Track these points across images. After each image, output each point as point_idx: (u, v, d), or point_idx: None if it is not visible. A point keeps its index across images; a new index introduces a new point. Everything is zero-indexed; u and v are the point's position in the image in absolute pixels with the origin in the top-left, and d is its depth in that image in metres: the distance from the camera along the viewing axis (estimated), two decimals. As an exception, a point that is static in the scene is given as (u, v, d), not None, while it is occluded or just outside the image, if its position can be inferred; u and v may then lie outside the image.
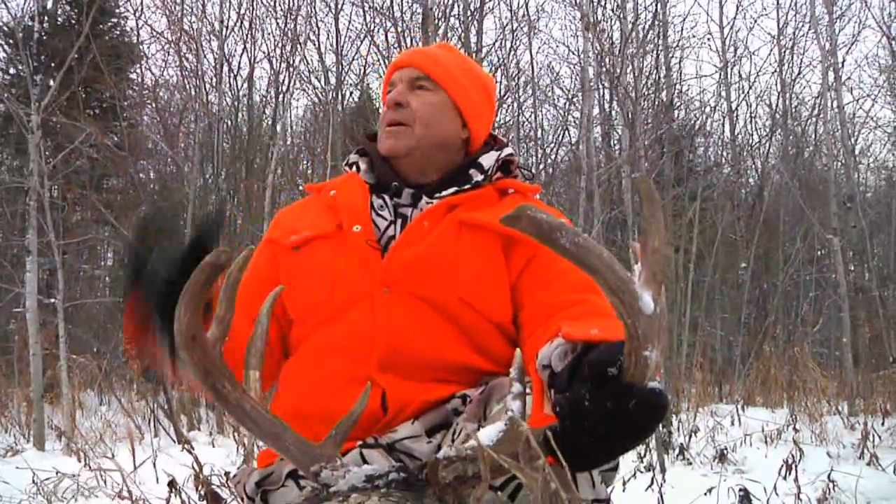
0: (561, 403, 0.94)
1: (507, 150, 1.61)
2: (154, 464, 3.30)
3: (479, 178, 1.55)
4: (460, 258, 1.43)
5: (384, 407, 1.37)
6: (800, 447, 3.34)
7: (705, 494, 2.84)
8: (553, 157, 11.50)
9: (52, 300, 5.07)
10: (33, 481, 3.05)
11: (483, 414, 1.26)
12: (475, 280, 1.42)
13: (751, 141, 11.93)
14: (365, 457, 1.32)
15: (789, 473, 3.00)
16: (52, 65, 9.56)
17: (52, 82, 5.23)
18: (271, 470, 1.42)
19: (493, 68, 9.73)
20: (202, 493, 2.49)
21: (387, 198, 1.55)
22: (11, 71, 10.73)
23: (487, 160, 1.59)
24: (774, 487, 2.84)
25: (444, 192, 1.53)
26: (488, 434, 0.98)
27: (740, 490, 2.72)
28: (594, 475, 1.25)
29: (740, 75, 12.21)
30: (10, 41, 7.93)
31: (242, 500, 1.47)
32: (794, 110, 11.86)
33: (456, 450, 0.97)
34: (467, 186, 1.53)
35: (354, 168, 1.65)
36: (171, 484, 2.54)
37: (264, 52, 9.63)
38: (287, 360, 1.52)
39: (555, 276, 1.40)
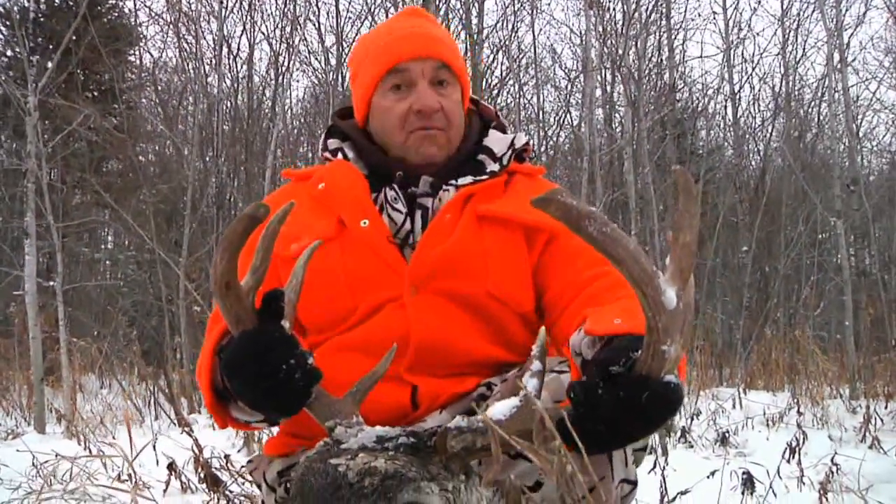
0: (575, 390, 0.94)
1: (523, 139, 1.55)
2: (154, 446, 3.28)
3: (495, 167, 1.50)
4: (487, 254, 1.40)
5: (414, 402, 1.37)
6: (803, 430, 3.32)
7: (708, 478, 2.81)
8: (555, 139, 11.45)
9: (51, 283, 5.05)
10: (33, 464, 3.04)
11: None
12: (502, 274, 1.40)
13: (753, 123, 11.87)
14: None
15: (793, 457, 2.99)
16: (50, 47, 9.49)
17: (49, 64, 5.17)
18: (295, 460, 1.41)
19: (495, 49, 9.67)
20: (202, 475, 2.49)
21: (398, 189, 1.46)
22: (9, 53, 10.65)
23: (498, 145, 1.54)
24: (777, 471, 2.82)
25: (460, 181, 1.47)
26: (501, 409, 0.97)
27: (743, 473, 2.70)
28: (627, 453, 1.25)
29: (743, 57, 12.15)
30: (7, 22, 7.86)
31: (260, 486, 1.49)
32: (797, 92, 11.80)
33: (468, 421, 0.97)
34: (484, 177, 1.48)
35: (340, 155, 1.54)
36: (171, 466, 2.53)
37: (264, 34, 9.56)
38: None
39: (576, 252, 1.40)
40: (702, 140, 11.98)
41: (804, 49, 11.65)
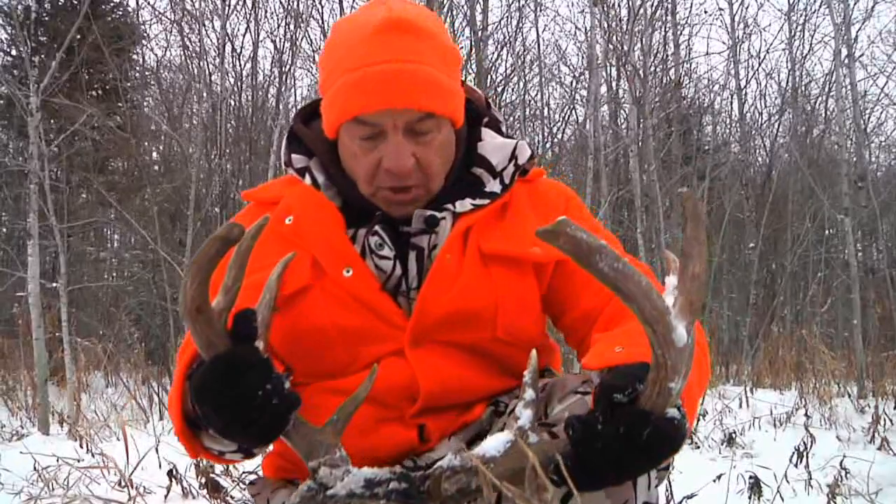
0: (574, 425, 0.89)
1: (526, 152, 1.36)
2: (157, 449, 3.27)
3: (495, 186, 1.33)
4: (497, 299, 1.28)
5: (422, 438, 1.29)
6: (811, 434, 3.28)
7: (714, 481, 2.79)
8: (560, 135, 11.40)
9: (55, 284, 5.04)
10: (34, 468, 3.03)
11: (545, 413, 1.21)
12: (512, 318, 1.28)
13: (760, 119, 11.80)
14: None
15: (800, 461, 2.96)
16: (55, 45, 9.49)
17: (53, 63, 5.15)
18: None
19: (499, 46, 9.62)
20: (202, 481, 2.47)
21: (381, 231, 1.28)
22: (13, 52, 10.67)
23: (496, 155, 1.35)
24: (785, 475, 2.79)
25: (458, 208, 1.29)
26: (493, 445, 0.93)
27: (750, 478, 2.67)
28: (651, 475, 1.16)
29: (749, 52, 12.07)
30: (10, 21, 7.87)
31: None
32: (804, 88, 11.72)
33: (461, 459, 0.92)
34: (485, 201, 1.31)
35: (307, 178, 1.33)
36: (171, 474, 2.52)
37: (267, 31, 9.54)
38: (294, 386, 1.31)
39: (587, 275, 1.33)
40: (708, 136, 11.93)
41: (811, 44, 11.58)
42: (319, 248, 1.27)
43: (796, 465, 2.97)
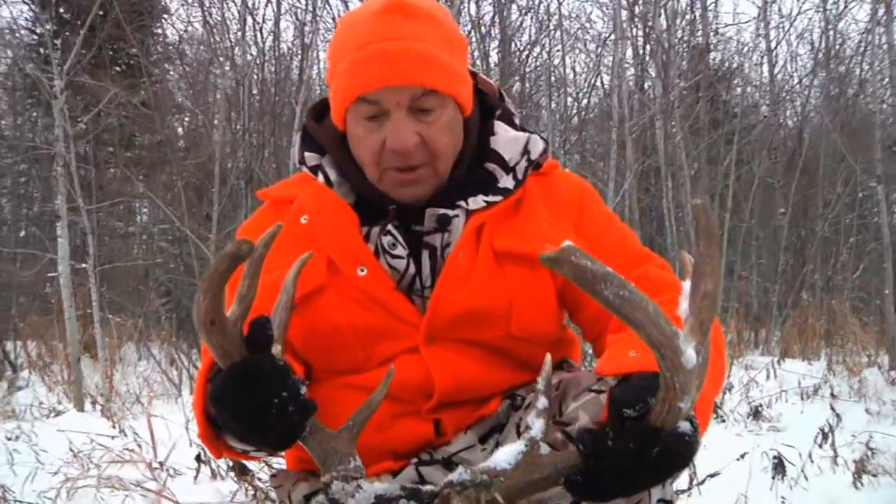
0: (584, 439, 0.89)
1: (539, 146, 1.36)
2: (187, 427, 3.34)
3: (508, 182, 1.32)
4: (510, 298, 1.28)
5: (438, 431, 1.31)
6: (837, 414, 3.25)
7: (738, 460, 2.79)
8: (585, 101, 11.24)
9: (84, 265, 5.13)
10: (70, 449, 3.12)
11: (559, 410, 1.21)
12: (526, 316, 1.29)
13: (790, 83, 11.49)
14: (422, 475, 1.29)
15: (825, 441, 2.94)
16: (78, 22, 9.53)
17: (76, 42, 5.17)
18: (319, 486, 1.37)
19: (523, 12, 9.46)
20: (230, 464, 2.53)
21: (394, 230, 1.28)
22: (38, 30, 10.72)
23: (508, 150, 1.34)
24: (809, 455, 2.78)
25: (471, 204, 1.29)
26: (505, 456, 0.93)
27: (774, 458, 2.66)
28: None
29: (780, 13, 11.71)
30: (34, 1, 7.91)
31: (283, 503, 1.43)
32: (837, 48, 11.37)
33: (471, 473, 0.93)
34: (497, 198, 1.30)
35: (320, 175, 1.34)
36: (199, 458, 2.57)
37: (289, 3, 9.47)
38: (312, 381, 1.33)
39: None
40: (736, 98, 11.66)
41: (846, 2, 11.18)
42: (334, 247, 1.28)
43: (821, 446, 2.95)
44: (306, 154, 1.37)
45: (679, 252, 0.91)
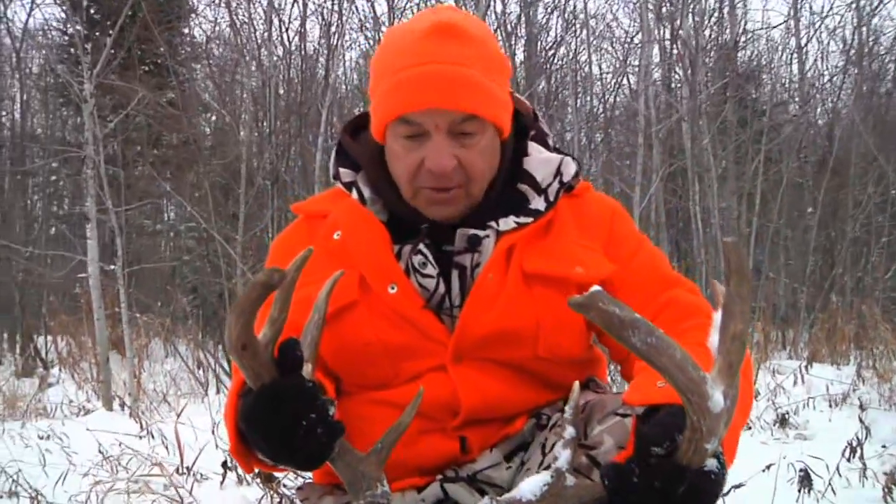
0: (610, 474, 0.89)
1: (571, 168, 1.36)
2: (213, 431, 3.38)
3: (539, 203, 1.33)
4: (538, 319, 1.29)
5: (464, 449, 1.32)
6: (866, 426, 3.20)
7: (763, 471, 2.76)
8: (612, 99, 11.17)
9: (112, 266, 5.21)
10: (99, 451, 3.17)
11: (584, 433, 1.21)
12: (554, 338, 1.29)
13: (821, 80, 11.30)
14: (447, 491, 1.30)
15: (853, 455, 2.89)
16: (108, 22, 9.66)
17: (105, 45, 5.24)
18: (346, 500, 1.36)
19: (549, 10, 9.42)
20: (257, 470, 2.55)
21: (425, 250, 1.29)
22: (70, 30, 10.89)
23: (541, 171, 1.35)
24: (837, 468, 2.74)
25: (501, 226, 1.30)
26: (530, 488, 0.94)
27: (800, 471, 2.63)
28: None
29: (811, 10, 11.53)
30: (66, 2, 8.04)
31: None
32: (870, 44, 11.16)
33: None
34: (528, 220, 1.31)
35: (354, 192, 1.36)
36: (225, 465, 2.61)
37: (315, 4, 9.50)
38: (341, 395, 1.36)
39: (634, 289, 1.32)
40: (765, 96, 11.49)
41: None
42: (366, 265, 1.30)
43: (849, 460, 2.90)
44: (341, 170, 1.39)
45: (712, 282, 0.90)
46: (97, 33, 9.62)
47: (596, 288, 0.75)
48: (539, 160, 1.36)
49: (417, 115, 1.23)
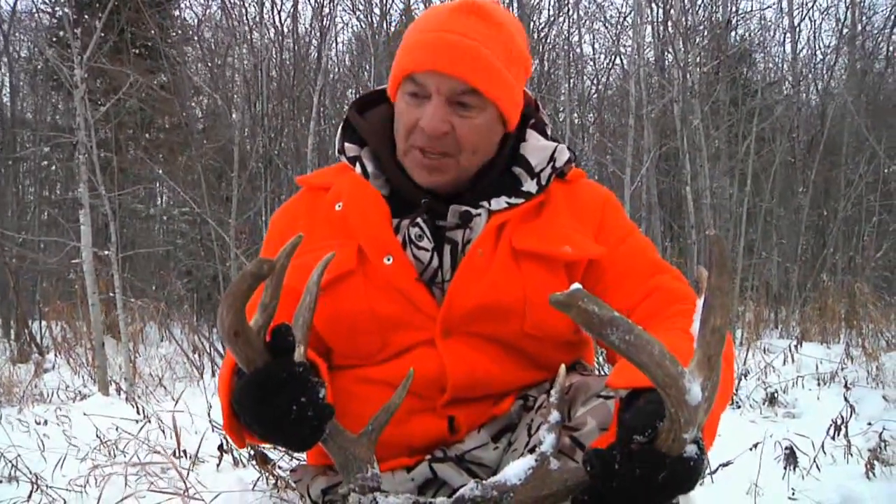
0: (592, 461, 0.93)
1: (564, 155, 1.41)
2: (209, 413, 3.41)
3: (531, 186, 1.38)
4: (526, 295, 1.32)
5: (452, 428, 1.36)
6: (851, 405, 3.25)
7: (750, 450, 2.80)
8: (604, 79, 11.14)
9: (107, 252, 5.21)
10: (97, 436, 3.20)
11: (568, 415, 1.25)
12: (541, 314, 1.33)
13: (814, 60, 11.29)
14: (436, 471, 1.34)
15: (838, 434, 2.94)
16: (97, 5, 9.58)
17: (95, 30, 5.20)
18: (337, 480, 1.41)
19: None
20: (251, 453, 2.59)
21: (422, 223, 1.34)
22: (58, 13, 10.79)
23: (536, 156, 1.40)
24: (822, 446, 2.78)
25: (493, 205, 1.35)
26: (515, 472, 0.97)
27: (786, 448, 2.67)
28: None
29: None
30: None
31: (303, 497, 1.50)
32: (864, 23, 11.13)
33: (482, 488, 0.97)
34: (520, 200, 1.36)
35: (358, 166, 1.41)
36: (221, 448, 2.64)
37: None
38: (331, 371, 1.38)
39: (622, 273, 1.36)
40: (759, 74, 11.47)
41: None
42: (364, 236, 1.34)
43: (833, 438, 2.96)
44: (346, 145, 1.44)
45: (697, 268, 0.92)
46: (86, 16, 9.54)
47: (576, 286, 0.78)
48: (535, 147, 1.41)
49: (422, 75, 1.28)
